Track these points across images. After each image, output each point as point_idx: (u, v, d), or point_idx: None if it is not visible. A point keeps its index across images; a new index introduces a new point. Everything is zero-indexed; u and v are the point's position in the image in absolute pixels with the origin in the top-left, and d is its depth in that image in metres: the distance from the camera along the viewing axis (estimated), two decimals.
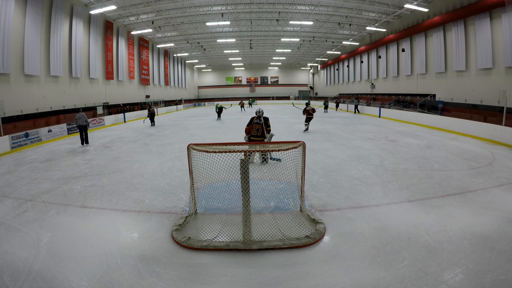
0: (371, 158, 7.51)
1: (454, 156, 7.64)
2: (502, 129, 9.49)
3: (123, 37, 21.77)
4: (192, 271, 2.94)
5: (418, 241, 3.35)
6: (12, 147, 9.89)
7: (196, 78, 46.52)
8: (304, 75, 47.43)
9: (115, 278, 2.81)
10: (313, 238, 3.43)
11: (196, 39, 27.36)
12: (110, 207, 4.62)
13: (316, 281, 2.73)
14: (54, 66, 14.62)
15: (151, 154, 8.61)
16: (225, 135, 12.54)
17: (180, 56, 35.29)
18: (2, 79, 11.82)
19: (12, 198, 5.13)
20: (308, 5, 18.85)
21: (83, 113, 10.56)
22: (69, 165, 7.58)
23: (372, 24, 21.43)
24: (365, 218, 4.01)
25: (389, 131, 12.71)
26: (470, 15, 14.16)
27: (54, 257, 3.18)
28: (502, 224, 3.73)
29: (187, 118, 22.13)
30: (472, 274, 2.75)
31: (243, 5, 18.86)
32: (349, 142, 9.99)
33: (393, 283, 2.66)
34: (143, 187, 5.58)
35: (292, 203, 4.34)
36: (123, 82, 22.43)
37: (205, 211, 4.34)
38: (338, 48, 31.01)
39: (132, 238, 3.65)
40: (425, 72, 18.57)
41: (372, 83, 26.22)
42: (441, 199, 4.67)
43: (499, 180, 5.61)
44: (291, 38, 27.21)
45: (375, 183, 5.55)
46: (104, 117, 17.27)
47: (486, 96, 13.20)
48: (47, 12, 14.05)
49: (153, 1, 17.38)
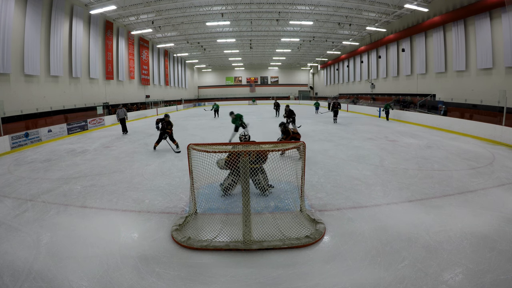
0: (371, 158, 7.51)
1: (454, 156, 7.64)
2: (502, 129, 9.49)
3: (123, 37, 21.77)
4: (192, 271, 2.94)
5: (418, 241, 3.35)
6: (12, 147, 9.89)
7: (196, 78, 46.51)
8: (304, 75, 47.42)
9: (115, 278, 2.81)
10: (313, 238, 3.43)
11: (196, 39, 27.36)
12: (110, 207, 4.62)
13: (316, 281, 2.73)
14: (54, 66, 14.62)
15: (151, 154, 8.61)
16: (225, 135, 12.53)
17: (180, 56, 35.29)
18: (2, 79, 11.82)
19: (12, 198, 5.13)
20: (308, 5, 18.85)
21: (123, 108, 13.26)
22: (69, 165, 7.58)
23: (372, 24, 21.43)
24: (365, 218, 4.01)
25: (389, 131, 12.71)
26: (470, 15, 14.16)
27: (54, 257, 3.18)
28: (502, 224, 3.73)
29: (187, 118, 22.13)
30: (472, 274, 2.75)
31: (243, 5, 18.86)
32: (349, 142, 9.99)
33: (393, 283, 2.66)
34: (143, 187, 5.58)
35: (292, 203, 4.34)
36: (123, 82, 22.42)
37: (205, 211, 4.34)
38: (338, 48, 31.00)
39: (132, 238, 3.65)
40: (425, 72, 18.57)
41: (372, 83, 26.22)
42: (441, 199, 4.66)
43: (499, 180, 5.61)
44: (291, 38, 27.21)
45: (375, 183, 5.55)
46: (104, 117, 17.27)
47: (486, 96, 13.20)
48: (47, 12, 14.05)
49: (153, 1, 17.38)
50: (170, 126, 8.95)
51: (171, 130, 8.94)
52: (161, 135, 8.86)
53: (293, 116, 12.15)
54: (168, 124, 8.91)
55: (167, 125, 8.89)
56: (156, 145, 9.03)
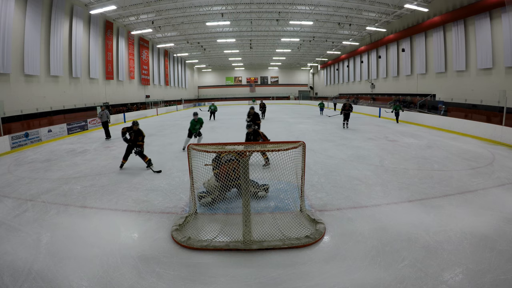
0: (371, 158, 7.51)
1: (454, 156, 7.64)
2: (502, 129, 9.49)
3: (123, 37, 21.77)
4: (192, 271, 2.94)
5: (418, 241, 3.35)
6: (12, 147, 9.89)
7: (196, 78, 46.51)
8: (304, 75, 47.43)
9: (115, 278, 2.80)
10: (313, 238, 3.43)
11: (196, 39, 27.36)
12: (110, 207, 4.61)
13: (316, 281, 2.73)
14: (54, 66, 14.62)
15: (151, 154, 8.59)
16: (225, 135, 12.54)
17: (180, 56, 35.29)
18: (2, 79, 11.82)
19: (12, 198, 5.13)
20: (308, 5, 18.85)
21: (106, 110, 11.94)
22: (69, 165, 7.58)
23: (372, 24, 21.43)
24: (365, 218, 4.01)
25: (389, 131, 12.71)
26: (470, 15, 14.17)
27: (54, 257, 3.18)
28: (502, 224, 3.73)
29: (187, 118, 22.11)
30: (472, 274, 2.75)
31: (243, 5, 18.86)
32: (349, 142, 9.99)
33: (393, 283, 2.66)
34: (143, 187, 5.58)
35: (292, 203, 4.34)
36: (123, 82, 22.43)
37: (205, 211, 4.35)
38: (338, 48, 31.00)
39: (132, 238, 3.65)
40: (425, 72, 18.57)
41: (372, 83, 26.22)
42: (441, 199, 4.66)
43: (499, 180, 5.61)
44: (291, 38, 27.22)
45: (375, 183, 5.55)
46: None
47: (486, 96, 13.20)
48: (47, 12, 14.05)
49: (153, 1, 17.38)
50: (141, 137, 6.82)
51: (142, 142, 6.85)
52: (129, 148, 6.88)
53: (257, 122, 9.31)
54: (137, 134, 6.79)
55: (137, 135, 6.79)
56: (123, 162, 6.95)
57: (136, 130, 6.82)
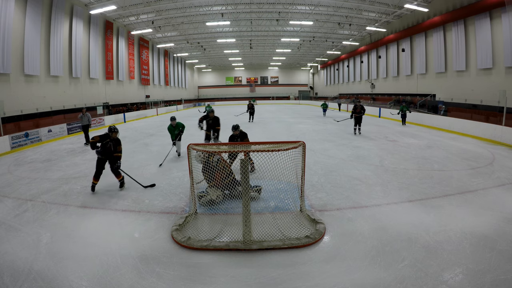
0: (371, 158, 7.50)
1: (454, 156, 7.63)
2: (502, 129, 9.49)
3: (123, 37, 21.77)
4: (192, 271, 2.94)
5: (418, 241, 3.35)
6: (12, 147, 9.89)
7: (196, 78, 46.51)
8: (304, 75, 47.42)
9: (115, 278, 2.80)
10: (313, 238, 3.43)
11: (196, 39, 27.36)
12: (110, 207, 4.61)
13: (316, 281, 2.73)
14: (54, 66, 14.62)
15: (151, 154, 8.61)
16: (225, 135, 12.52)
17: (180, 56, 35.28)
18: (2, 79, 11.82)
19: (12, 198, 5.13)
20: (308, 5, 18.85)
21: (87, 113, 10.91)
22: (69, 165, 7.57)
23: (372, 24, 21.43)
24: (365, 218, 4.01)
25: (389, 131, 12.71)
26: (470, 15, 14.17)
27: (54, 257, 3.18)
28: (502, 224, 3.73)
29: (186, 118, 22.08)
30: (472, 274, 2.75)
31: (243, 5, 18.86)
32: (349, 142, 9.99)
33: (393, 283, 2.66)
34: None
35: (292, 203, 4.34)
36: (123, 82, 22.43)
37: (205, 211, 4.35)
38: (338, 48, 31.00)
39: (132, 238, 3.65)
40: (425, 72, 18.57)
41: (372, 83, 26.22)
42: (441, 199, 4.66)
43: (499, 180, 5.61)
44: (291, 38, 27.22)
45: (375, 183, 5.55)
46: (104, 117, 17.27)
47: (486, 96, 13.20)
48: (47, 12, 14.05)
49: (153, 1, 17.38)
50: (120, 147, 5.38)
51: (120, 154, 5.36)
52: (102, 163, 5.24)
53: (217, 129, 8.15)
54: (117, 143, 5.31)
55: (116, 145, 5.29)
56: (95, 183, 5.31)
57: (115, 138, 5.28)
